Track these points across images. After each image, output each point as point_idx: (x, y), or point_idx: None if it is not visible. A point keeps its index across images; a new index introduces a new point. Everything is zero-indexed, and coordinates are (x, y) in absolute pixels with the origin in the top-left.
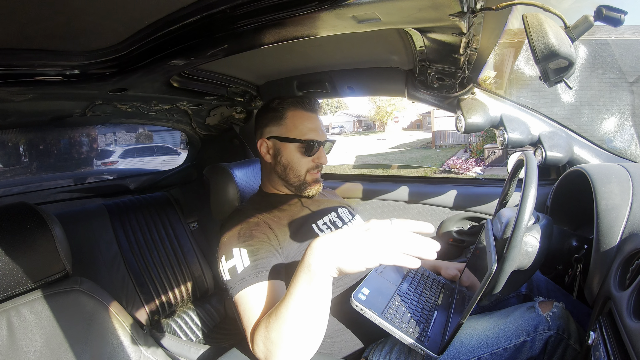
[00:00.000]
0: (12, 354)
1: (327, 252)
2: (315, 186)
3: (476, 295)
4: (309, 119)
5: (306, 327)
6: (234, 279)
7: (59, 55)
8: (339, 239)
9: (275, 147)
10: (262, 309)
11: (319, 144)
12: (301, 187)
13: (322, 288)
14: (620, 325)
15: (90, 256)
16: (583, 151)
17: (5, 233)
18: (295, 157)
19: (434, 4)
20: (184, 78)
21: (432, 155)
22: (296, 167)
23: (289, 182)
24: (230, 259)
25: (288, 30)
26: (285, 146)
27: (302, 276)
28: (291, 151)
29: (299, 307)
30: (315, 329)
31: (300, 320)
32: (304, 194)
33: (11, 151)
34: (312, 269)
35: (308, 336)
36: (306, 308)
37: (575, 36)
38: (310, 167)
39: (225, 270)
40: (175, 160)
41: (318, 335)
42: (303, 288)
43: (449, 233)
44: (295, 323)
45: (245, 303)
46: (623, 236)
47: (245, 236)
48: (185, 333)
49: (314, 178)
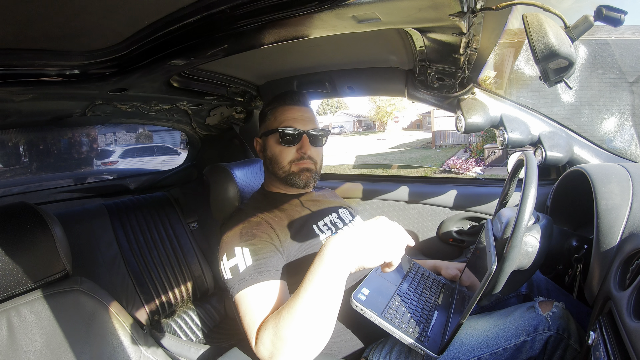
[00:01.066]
0: (12, 354)
1: (346, 248)
2: (304, 175)
3: (476, 295)
4: (290, 110)
5: (318, 325)
6: (235, 278)
7: (59, 55)
8: (357, 235)
9: (263, 144)
10: (265, 308)
11: (299, 133)
12: (287, 179)
13: (338, 284)
14: (620, 325)
15: (90, 256)
16: (583, 151)
17: (5, 233)
18: (277, 149)
19: (434, 4)
20: (184, 78)
21: (432, 155)
22: (279, 159)
23: (277, 175)
24: (232, 258)
25: (288, 30)
26: (268, 140)
27: (319, 272)
28: (272, 144)
29: (314, 302)
30: (325, 327)
31: (313, 316)
32: (293, 185)
33: (11, 151)
34: (331, 264)
35: (318, 334)
36: (320, 304)
37: (575, 36)
38: (294, 158)
39: (227, 269)
40: (175, 160)
41: (327, 333)
42: (319, 284)
43: (449, 233)
44: (308, 319)
45: (248, 302)
46: (623, 236)
47: (247, 235)
48: (185, 333)
49: (300, 167)
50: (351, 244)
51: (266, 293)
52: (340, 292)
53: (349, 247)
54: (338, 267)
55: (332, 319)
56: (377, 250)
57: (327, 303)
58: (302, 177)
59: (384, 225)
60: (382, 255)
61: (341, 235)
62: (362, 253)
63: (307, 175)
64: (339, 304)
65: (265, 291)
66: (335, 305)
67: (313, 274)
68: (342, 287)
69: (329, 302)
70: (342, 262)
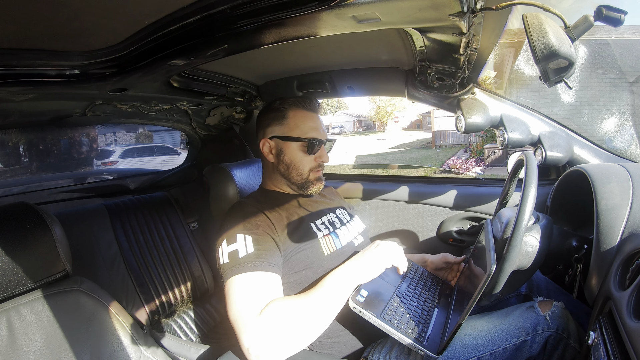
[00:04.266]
0: (12, 354)
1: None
2: (317, 184)
3: (475, 295)
4: (310, 118)
5: (315, 325)
6: (232, 262)
7: (59, 55)
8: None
9: (277, 147)
10: (260, 297)
11: (320, 143)
12: (304, 185)
13: (344, 296)
14: (620, 325)
15: (90, 256)
16: (583, 151)
17: (5, 233)
18: (297, 156)
19: (434, 4)
20: (184, 78)
21: (432, 155)
22: (299, 166)
23: (292, 180)
24: (233, 243)
25: (288, 30)
26: (288, 145)
27: (333, 283)
28: (293, 150)
29: (320, 307)
30: (319, 330)
31: (315, 317)
32: (307, 192)
33: (11, 151)
34: (346, 279)
35: (311, 333)
36: (325, 309)
37: (575, 36)
38: (313, 166)
39: (225, 253)
40: (175, 160)
41: (317, 335)
42: (330, 293)
43: (449, 233)
44: (310, 318)
45: (243, 287)
46: (623, 236)
47: (250, 224)
48: (185, 333)
49: (317, 176)
50: (357, 266)
51: (262, 283)
52: (343, 302)
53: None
54: (349, 281)
55: (328, 322)
56: (375, 266)
57: (330, 308)
58: (317, 186)
59: (380, 247)
60: (380, 268)
61: (349, 262)
62: (365, 272)
63: (320, 185)
64: (337, 312)
65: (262, 281)
66: (335, 312)
67: (328, 282)
68: (346, 298)
69: (332, 308)
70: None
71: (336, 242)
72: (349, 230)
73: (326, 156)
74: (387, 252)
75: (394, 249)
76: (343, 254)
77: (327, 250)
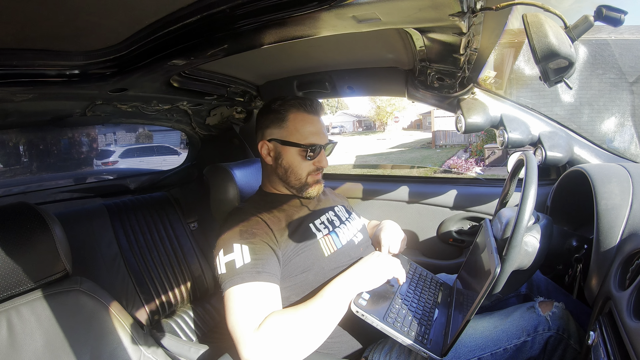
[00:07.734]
0: (12, 354)
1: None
2: (316, 187)
3: (480, 297)
4: (310, 122)
5: (314, 338)
6: (230, 273)
7: (59, 55)
8: (361, 270)
9: (276, 150)
10: (258, 310)
11: (320, 148)
12: (302, 188)
13: (343, 308)
14: (620, 325)
15: (90, 256)
16: (583, 151)
17: (5, 233)
18: (296, 161)
19: (434, 4)
20: (184, 78)
21: (432, 155)
22: (297, 171)
23: (290, 184)
24: (230, 254)
25: (288, 30)
26: (286, 149)
27: (332, 295)
28: (292, 155)
29: (319, 319)
30: (317, 342)
31: (313, 330)
32: (305, 195)
33: (11, 151)
34: (345, 291)
35: (310, 346)
36: (323, 321)
37: (575, 36)
38: (311, 170)
39: (222, 263)
40: (175, 160)
41: (316, 346)
42: (329, 303)
43: (448, 233)
44: (309, 331)
45: (241, 299)
46: (623, 236)
47: (247, 234)
48: (185, 333)
49: (315, 179)
50: (358, 277)
51: (259, 293)
52: (344, 310)
53: (357, 279)
54: (349, 293)
55: (329, 331)
56: (375, 277)
57: (331, 317)
58: (315, 189)
59: (381, 259)
60: (380, 279)
61: (348, 272)
62: (366, 282)
63: (319, 188)
64: (338, 320)
65: (259, 291)
66: (337, 320)
67: (328, 292)
68: (345, 310)
69: (333, 317)
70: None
71: (336, 242)
72: (348, 229)
73: (325, 161)
74: (388, 264)
75: (394, 261)
76: (343, 254)
77: (327, 251)
